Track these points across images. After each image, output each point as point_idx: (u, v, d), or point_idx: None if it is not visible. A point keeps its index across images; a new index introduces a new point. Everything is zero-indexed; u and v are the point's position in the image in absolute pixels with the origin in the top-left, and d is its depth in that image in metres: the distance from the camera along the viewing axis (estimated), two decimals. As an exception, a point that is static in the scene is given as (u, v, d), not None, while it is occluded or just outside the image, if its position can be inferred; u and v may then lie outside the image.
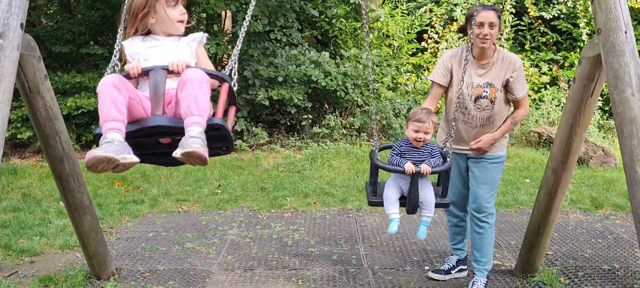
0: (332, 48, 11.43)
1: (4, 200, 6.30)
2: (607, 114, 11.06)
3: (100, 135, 2.29)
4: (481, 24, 3.57)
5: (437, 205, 3.32)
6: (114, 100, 2.29)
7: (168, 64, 2.39)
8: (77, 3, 10.28)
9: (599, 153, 8.37)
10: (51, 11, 11.19)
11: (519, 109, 3.82)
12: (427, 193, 3.31)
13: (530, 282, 4.10)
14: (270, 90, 9.12)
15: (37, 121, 3.24)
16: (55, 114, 3.27)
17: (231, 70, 2.64)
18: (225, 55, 10.22)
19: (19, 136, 8.37)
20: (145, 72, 2.43)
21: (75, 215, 3.68)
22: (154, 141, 2.53)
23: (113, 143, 2.22)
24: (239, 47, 2.70)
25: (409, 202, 3.29)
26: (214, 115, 2.48)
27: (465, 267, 4.26)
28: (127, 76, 2.44)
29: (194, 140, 2.24)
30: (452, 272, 4.23)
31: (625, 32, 2.75)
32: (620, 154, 8.50)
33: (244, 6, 9.26)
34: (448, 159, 3.31)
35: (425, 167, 3.19)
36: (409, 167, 3.19)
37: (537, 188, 6.31)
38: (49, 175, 7.11)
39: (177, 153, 2.22)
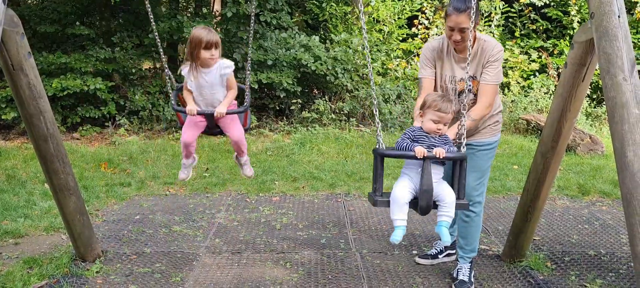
0: (322, 32, 11.35)
1: (-12, 182, 6.21)
2: (595, 102, 11.13)
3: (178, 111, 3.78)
4: (451, 29, 3.37)
5: (456, 207, 2.97)
6: (189, 151, 3.87)
7: (215, 113, 3.61)
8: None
9: (586, 140, 8.41)
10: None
11: (479, 102, 3.49)
12: (447, 192, 2.98)
13: (518, 266, 4.11)
14: (260, 73, 9.05)
15: (21, 100, 3.16)
16: (39, 92, 3.20)
17: (247, 102, 3.83)
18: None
19: (3, 117, 8.24)
20: (200, 114, 3.66)
21: (60, 196, 3.62)
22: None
23: (186, 164, 3.98)
24: (248, 77, 3.98)
25: (421, 195, 2.88)
26: (243, 123, 3.93)
27: (453, 251, 4.26)
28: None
29: (248, 168, 4.16)
30: (439, 257, 4.24)
31: (619, 17, 2.73)
32: (607, 142, 8.56)
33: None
34: (462, 149, 3.10)
35: (439, 150, 2.89)
36: (420, 149, 2.86)
37: (525, 175, 6.33)
38: (33, 157, 7.02)
39: (246, 175, 4.21)
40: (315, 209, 5.60)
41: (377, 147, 2.98)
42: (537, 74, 11.32)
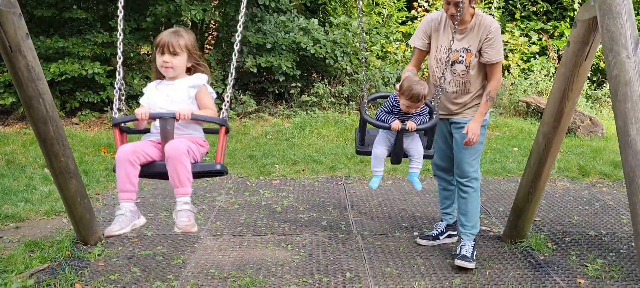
0: (321, 15, 11.27)
1: (-13, 167, 6.20)
2: (595, 85, 11.10)
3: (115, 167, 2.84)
4: (447, 2, 3.52)
5: (423, 157, 3.53)
6: (128, 174, 2.75)
7: (175, 113, 2.74)
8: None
9: (586, 122, 8.41)
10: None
11: (491, 81, 3.68)
12: (416, 147, 3.52)
13: (519, 247, 4.12)
14: (258, 57, 9.00)
15: (19, 82, 3.14)
16: (38, 74, 3.17)
17: (227, 111, 2.93)
18: (212, 22, 10.05)
19: (1, 102, 8.20)
20: (153, 117, 2.81)
21: (61, 179, 3.61)
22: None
23: (126, 215, 2.78)
24: (231, 83, 2.95)
25: (394, 155, 3.53)
26: (215, 158, 2.94)
27: (454, 232, 4.26)
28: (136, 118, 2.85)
29: (182, 215, 2.79)
30: (441, 238, 4.24)
31: (622, -6, 2.70)
32: (607, 124, 8.54)
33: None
34: (434, 115, 3.46)
35: (410, 124, 3.36)
36: (396, 124, 3.36)
37: (525, 157, 6.34)
38: (33, 142, 7.00)
39: (175, 230, 2.84)
40: (316, 192, 5.60)
41: (363, 111, 3.47)
42: (537, 56, 11.28)
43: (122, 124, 2.90)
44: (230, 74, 2.92)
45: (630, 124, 2.57)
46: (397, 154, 3.51)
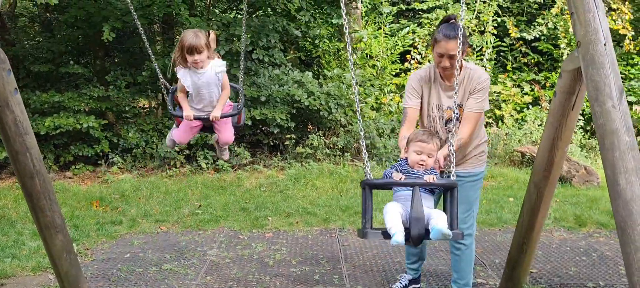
0: (315, 68, 11.41)
1: (-23, 222, 6.12)
2: (589, 133, 11.15)
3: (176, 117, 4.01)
4: (441, 55, 3.41)
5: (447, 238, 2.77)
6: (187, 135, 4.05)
7: (210, 117, 3.80)
8: (58, 22, 10.15)
9: (581, 172, 8.39)
10: (33, 33, 11.05)
11: (461, 128, 3.44)
12: (434, 211, 2.88)
13: (515, 300, 4.03)
14: (253, 109, 9.05)
15: (7, 136, 3.12)
16: (25, 128, 3.15)
17: (241, 102, 4.04)
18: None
19: (-5, 157, 8.17)
20: (196, 118, 3.84)
21: (46, 234, 3.54)
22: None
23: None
24: (242, 81, 4.19)
25: (413, 224, 2.72)
26: (237, 121, 4.09)
27: (418, 286, 4.18)
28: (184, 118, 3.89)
29: (226, 153, 4.42)
30: None
31: (605, 45, 2.73)
32: (602, 173, 8.54)
33: (226, 27, 9.22)
34: (452, 177, 3.01)
35: (429, 176, 2.88)
36: (397, 174, 2.89)
37: (520, 207, 6.28)
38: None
39: (222, 156, 4.45)
40: (309, 245, 5.52)
41: (366, 178, 2.91)
42: (530, 106, 11.37)
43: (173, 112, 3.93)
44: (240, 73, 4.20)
45: (619, 174, 2.55)
46: (418, 222, 2.69)
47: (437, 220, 2.77)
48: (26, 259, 4.87)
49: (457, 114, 3.38)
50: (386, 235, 2.76)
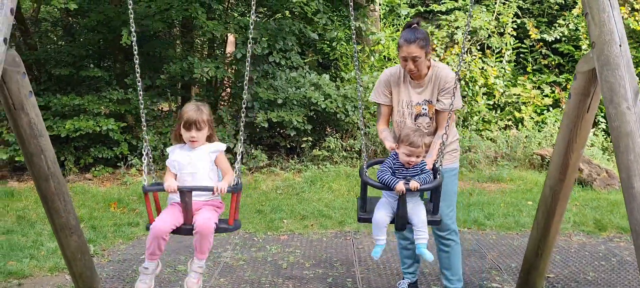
0: (332, 71, 11.41)
1: (-2, 223, 6.24)
2: (611, 136, 10.94)
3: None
4: (405, 59, 3.54)
5: (428, 223, 3.29)
6: (159, 245, 3.17)
7: (214, 187, 3.11)
8: (79, 27, 10.33)
9: (603, 175, 8.24)
10: (55, 37, 11.24)
11: (440, 129, 3.62)
12: (419, 214, 3.29)
13: (530, 305, 3.97)
14: (270, 112, 9.08)
15: (22, 138, 3.17)
16: (40, 131, 3.21)
17: (239, 179, 3.20)
18: (225, 78, 10.21)
19: (17, 159, 8.33)
20: (180, 190, 3.12)
21: (61, 235, 3.59)
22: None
23: (148, 270, 3.23)
24: (242, 142, 3.29)
25: (398, 220, 3.29)
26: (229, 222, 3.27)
27: None
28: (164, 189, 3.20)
29: (194, 276, 3.27)
30: None
31: (620, 45, 2.68)
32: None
33: (244, 30, 9.27)
34: (438, 175, 3.32)
35: (413, 183, 3.18)
36: (399, 186, 3.17)
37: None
38: (44, 198, 7.04)
39: (185, 284, 3.29)
40: (324, 247, 5.51)
41: (363, 175, 3.30)
42: (550, 108, 11.21)
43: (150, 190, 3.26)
44: (239, 141, 3.27)
45: (634, 176, 2.50)
46: (402, 218, 3.26)
47: (420, 238, 3.29)
48: (44, 260, 4.95)
49: (425, 110, 3.66)
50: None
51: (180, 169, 3.25)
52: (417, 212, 3.29)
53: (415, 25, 3.58)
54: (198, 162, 3.24)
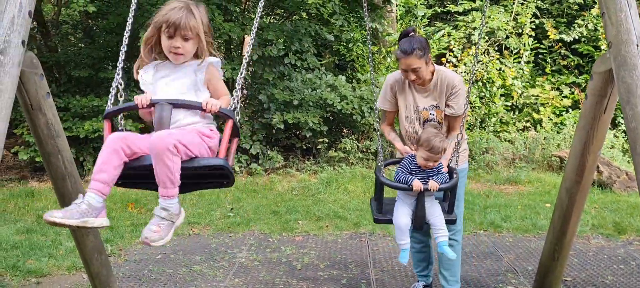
0: (349, 72, 11.40)
1: (19, 222, 6.34)
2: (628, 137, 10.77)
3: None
4: (405, 70, 3.51)
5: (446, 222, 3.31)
6: (110, 161, 2.40)
7: (202, 103, 2.45)
8: (98, 29, 10.46)
9: (623, 177, 8.10)
10: (75, 39, 11.40)
11: (453, 132, 3.64)
12: (437, 213, 3.30)
13: (546, 308, 3.92)
14: (286, 113, 9.10)
15: (39, 139, 3.23)
16: (57, 131, 3.26)
17: (236, 104, 2.61)
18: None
19: (37, 159, 8.46)
20: (153, 104, 2.46)
21: (78, 235, 3.64)
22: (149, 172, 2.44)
23: (80, 205, 2.35)
24: (242, 74, 2.69)
25: (416, 220, 3.29)
26: (217, 153, 2.54)
27: None
28: (136, 106, 2.52)
29: (151, 223, 2.40)
30: None
31: (637, 45, 2.64)
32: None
33: (260, 32, 9.31)
34: (454, 175, 3.32)
35: (433, 183, 3.19)
36: (417, 184, 3.16)
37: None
38: (64, 198, 7.15)
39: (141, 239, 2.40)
40: (338, 249, 5.51)
41: (380, 175, 3.30)
42: (570, 110, 11.06)
43: (115, 117, 2.57)
44: (241, 66, 2.68)
45: (651, 179, 2.45)
46: (420, 218, 3.27)
47: (440, 236, 3.28)
48: (62, 259, 5.02)
49: (433, 115, 3.63)
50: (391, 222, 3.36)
51: (155, 90, 2.57)
52: (434, 211, 3.30)
53: (412, 33, 3.53)
54: (178, 84, 2.54)
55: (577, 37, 11.55)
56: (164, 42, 2.51)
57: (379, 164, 3.41)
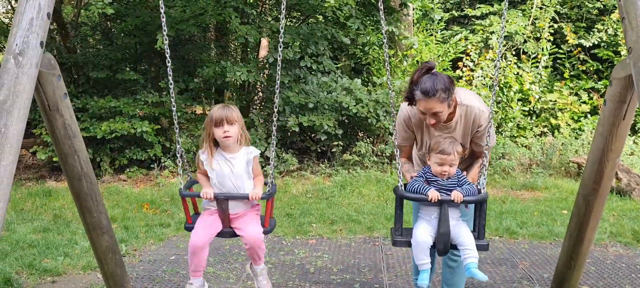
0: (365, 75, 11.38)
1: (36, 221, 6.42)
2: (651, 145, 10.60)
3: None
4: (423, 113, 3.08)
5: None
6: (201, 258, 3.33)
7: (249, 195, 3.20)
8: (117, 31, 10.58)
9: (642, 185, 7.96)
10: (94, 41, 11.54)
11: (479, 157, 3.35)
12: (464, 233, 2.99)
13: (562, 317, 3.85)
14: (301, 116, 9.11)
15: (56, 139, 3.25)
16: (74, 132, 3.28)
17: (272, 182, 3.36)
18: (258, 83, 10.30)
19: (55, 159, 8.56)
20: (218, 197, 3.22)
21: (93, 234, 3.67)
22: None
23: (193, 286, 3.40)
24: (273, 153, 3.55)
25: (439, 237, 2.92)
26: (264, 223, 3.36)
27: None
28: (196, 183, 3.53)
29: (262, 279, 3.54)
30: None
31: (658, 51, 2.59)
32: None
33: (276, 34, 9.33)
34: (483, 190, 3.04)
35: (456, 194, 2.89)
36: (433, 193, 2.89)
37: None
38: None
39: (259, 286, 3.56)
40: (352, 253, 5.49)
41: (397, 190, 3.05)
42: (588, 115, 10.93)
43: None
44: (272, 145, 3.46)
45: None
46: (444, 236, 2.86)
47: (469, 257, 2.94)
48: (77, 258, 5.07)
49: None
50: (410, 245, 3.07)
51: (221, 179, 3.28)
52: (460, 230, 2.99)
53: (434, 69, 3.08)
54: (240, 171, 3.29)
55: (596, 42, 11.42)
56: (217, 132, 3.23)
57: (398, 183, 3.10)
